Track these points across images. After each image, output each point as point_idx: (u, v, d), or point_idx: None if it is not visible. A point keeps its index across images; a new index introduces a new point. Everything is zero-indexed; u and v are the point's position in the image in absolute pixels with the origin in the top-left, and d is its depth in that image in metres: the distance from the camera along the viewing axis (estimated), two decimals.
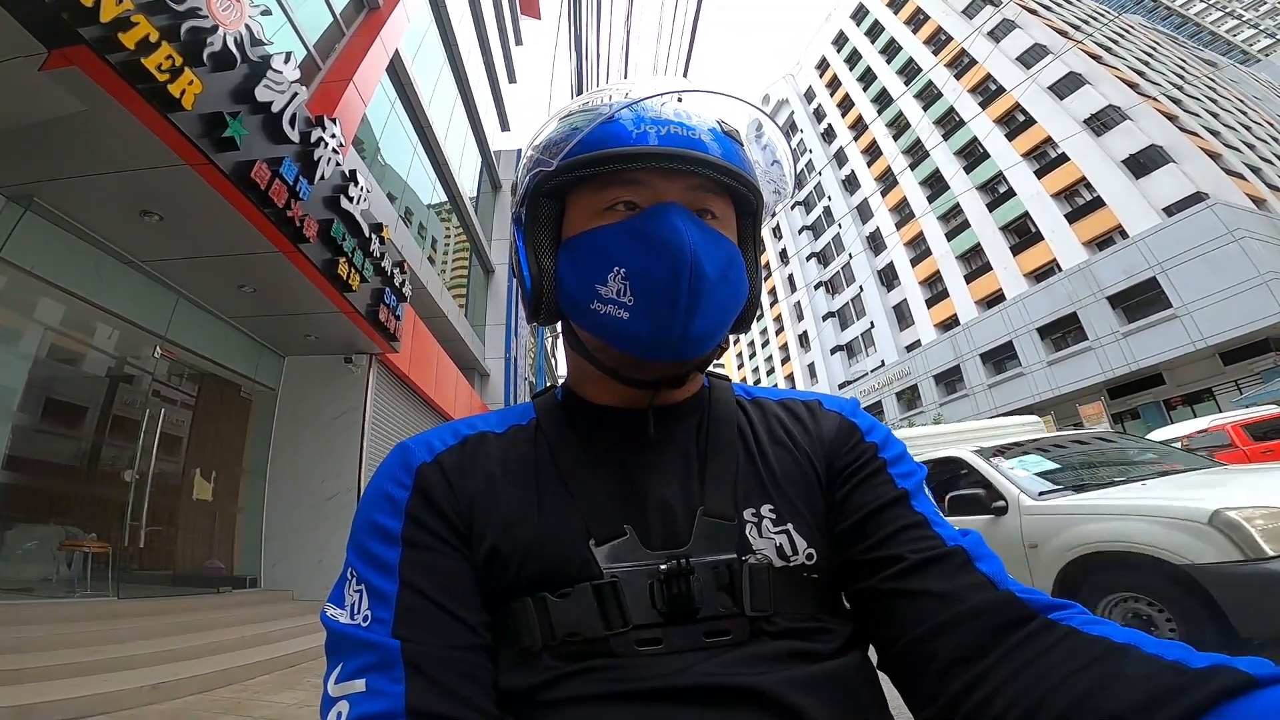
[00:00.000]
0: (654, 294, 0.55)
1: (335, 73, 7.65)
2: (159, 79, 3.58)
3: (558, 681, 0.51)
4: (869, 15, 41.39)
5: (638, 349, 0.57)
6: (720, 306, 0.58)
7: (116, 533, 5.36)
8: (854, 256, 39.77)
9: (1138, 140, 24.12)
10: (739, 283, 0.61)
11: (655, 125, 0.59)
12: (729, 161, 0.59)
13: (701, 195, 0.59)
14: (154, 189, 4.51)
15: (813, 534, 0.59)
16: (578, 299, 0.59)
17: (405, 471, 0.60)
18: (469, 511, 0.58)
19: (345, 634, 0.53)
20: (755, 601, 0.54)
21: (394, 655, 0.50)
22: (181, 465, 6.45)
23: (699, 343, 0.57)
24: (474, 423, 0.68)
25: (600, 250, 0.57)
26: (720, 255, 0.57)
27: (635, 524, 0.58)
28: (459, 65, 13.21)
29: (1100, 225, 24.57)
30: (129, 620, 4.73)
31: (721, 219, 0.61)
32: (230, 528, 7.07)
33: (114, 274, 5.33)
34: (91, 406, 5.64)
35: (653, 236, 0.55)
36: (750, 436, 0.66)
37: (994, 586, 0.51)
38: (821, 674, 0.52)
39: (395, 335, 7.72)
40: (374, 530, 0.57)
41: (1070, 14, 36.67)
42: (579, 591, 0.54)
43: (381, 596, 0.53)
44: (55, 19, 3.14)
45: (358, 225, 6.36)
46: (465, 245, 15.11)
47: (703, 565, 0.55)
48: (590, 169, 0.58)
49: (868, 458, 0.64)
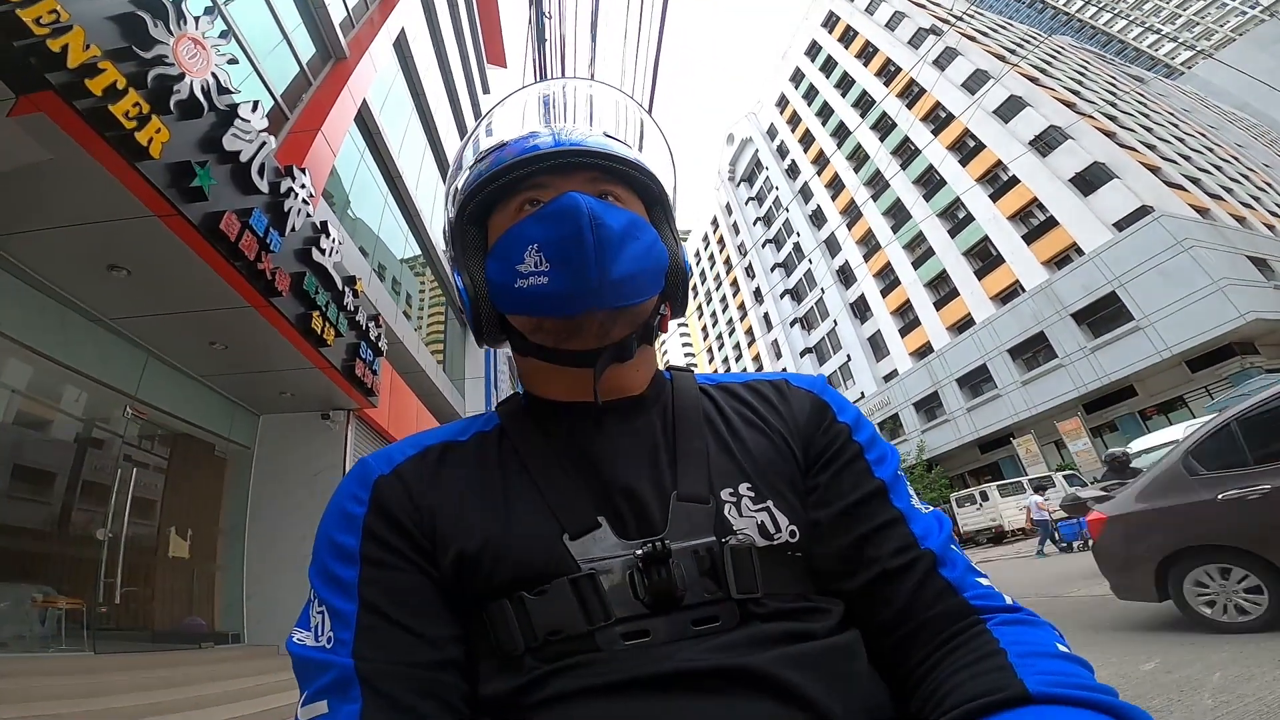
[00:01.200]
0: (565, 249, 0.56)
1: (303, 122, 7.67)
2: (126, 126, 3.56)
3: (541, 681, 0.50)
4: (822, 51, 43.08)
5: (564, 304, 0.58)
6: (634, 255, 0.59)
7: (91, 591, 5.23)
8: (826, 291, 40.42)
9: (1081, 159, 25.08)
10: (651, 242, 0.62)
11: (547, 135, 0.64)
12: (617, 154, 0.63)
13: (600, 184, 0.62)
14: (122, 242, 4.44)
15: (794, 512, 0.59)
16: (504, 287, 0.60)
17: (362, 486, 0.60)
18: (431, 520, 0.57)
19: (306, 658, 0.53)
20: (741, 583, 0.53)
21: (349, 674, 0.50)
22: (156, 525, 6.32)
23: (620, 286, 0.57)
24: (437, 433, 0.67)
25: (515, 239, 0.60)
26: (621, 216, 0.60)
27: (608, 515, 0.57)
28: (427, 114, 13.36)
29: (1056, 244, 25.34)
30: (107, 675, 4.55)
31: (625, 201, 0.64)
32: (209, 585, 6.90)
33: (81, 332, 5.21)
34: (60, 471, 5.51)
35: (555, 211, 0.58)
36: (719, 421, 0.66)
37: (954, 593, 0.55)
38: (817, 652, 0.51)
39: (373, 390, 7.60)
40: (332, 549, 0.57)
41: (1005, 39, 38.76)
42: (556, 587, 0.53)
43: (342, 617, 0.53)
44: (24, 64, 3.14)
45: (330, 278, 6.31)
46: (441, 299, 15.08)
47: (682, 550, 0.54)
48: (494, 184, 0.62)
49: (843, 441, 0.64)
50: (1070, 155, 25.50)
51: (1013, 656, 0.48)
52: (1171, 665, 3.27)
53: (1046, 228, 25.84)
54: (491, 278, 0.62)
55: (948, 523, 0.61)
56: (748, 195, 53.35)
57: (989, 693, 0.45)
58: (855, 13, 40.07)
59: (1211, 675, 2.96)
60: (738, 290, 55.62)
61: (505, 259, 0.60)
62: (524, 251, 0.58)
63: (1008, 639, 0.50)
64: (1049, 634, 0.51)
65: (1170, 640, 3.79)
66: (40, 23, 3.15)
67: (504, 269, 0.60)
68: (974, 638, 0.52)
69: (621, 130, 0.72)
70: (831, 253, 40.29)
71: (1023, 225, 27.15)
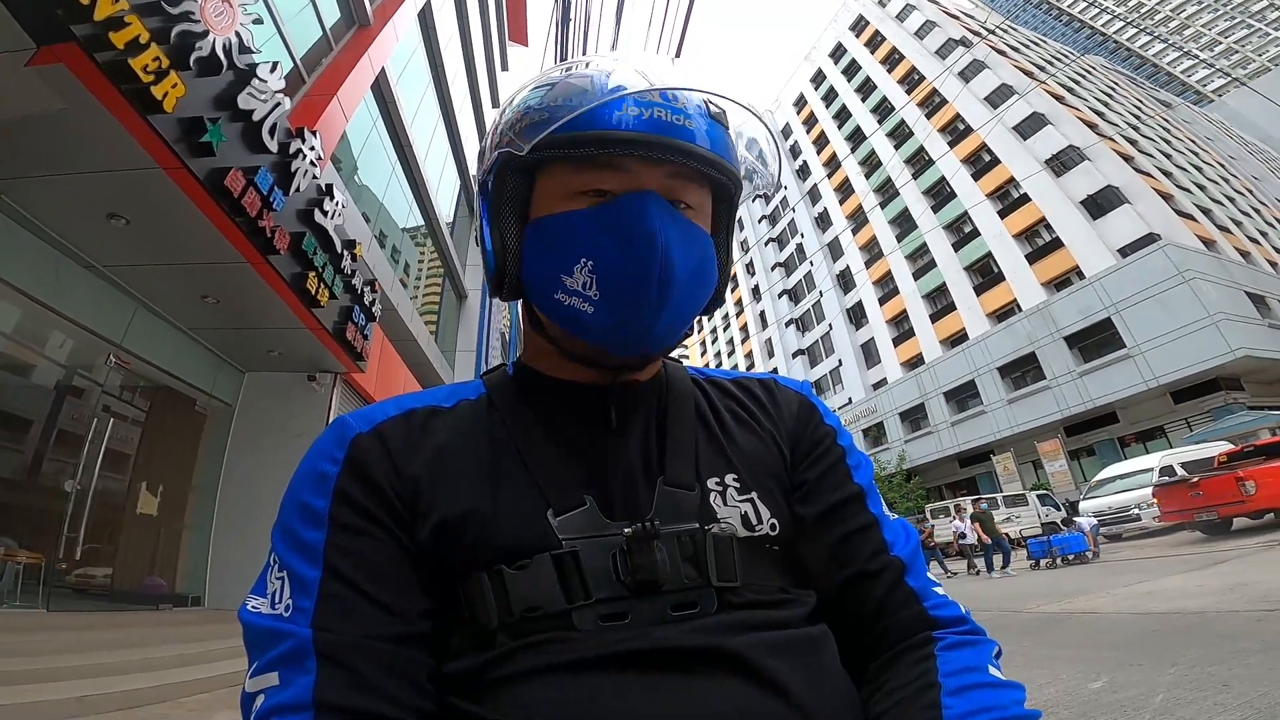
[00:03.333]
0: (621, 293, 0.53)
1: (320, 87, 7.61)
2: (143, 80, 3.57)
3: (509, 656, 0.49)
4: (847, 54, 42.77)
5: (600, 341, 0.56)
6: (688, 306, 0.57)
7: (51, 545, 5.17)
8: (824, 294, 40.36)
9: (1095, 181, 25.03)
10: (709, 277, 0.60)
11: (643, 107, 0.54)
12: (713, 150, 0.56)
13: (680, 183, 0.56)
14: (124, 192, 4.45)
15: (776, 507, 0.60)
16: (542, 287, 0.57)
17: (338, 445, 0.56)
18: (413, 486, 0.55)
19: (261, 626, 0.50)
20: (721, 572, 0.54)
21: (305, 645, 0.47)
22: (127, 479, 6.23)
23: (664, 339, 0.56)
24: (421, 396, 0.64)
25: (568, 237, 0.55)
26: (693, 253, 0.56)
27: (595, 495, 0.56)
28: (444, 87, 13.22)
29: (1059, 266, 25.41)
30: (58, 633, 4.54)
31: (697, 209, 0.59)
32: (175, 545, 6.83)
33: (73, 277, 5.20)
34: (36, 419, 5.42)
35: (625, 232, 0.53)
36: (709, 413, 0.66)
37: (917, 601, 0.59)
38: (791, 640, 0.53)
39: (362, 355, 7.59)
40: (299, 510, 0.54)
41: (1037, 55, 38.33)
42: (537, 562, 0.52)
43: (303, 584, 0.50)
44: (49, 15, 3.14)
45: (330, 240, 6.30)
46: (439, 270, 15.03)
47: (666, 535, 0.53)
48: (564, 150, 0.54)
49: (828, 444, 0.67)
50: (1085, 176, 25.46)
51: (944, 694, 0.50)
52: (1119, 685, 3.35)
53: (1051, 248, 25.90)
54: (528, 260, 0.58)
55: (914, 533, 0.64)
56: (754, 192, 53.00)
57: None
58: (886, 19, 39.78)
59: (1155, 697, 3.05)
60: (735, 286, 55.53)
61: (551, 255, 0.56)
62: (574, 263, 0.54)
63: (946, 668, 0.52)
64: (985, 656, 0.54)
65: (1122, 660, 3.88)
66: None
67: (547, 268, 0.56)
68: (921, 660, 0.54)
69: None
70: (834, 256, 40.22)
71: (1028, 244, 27.18)
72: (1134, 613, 5.34)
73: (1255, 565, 6.83)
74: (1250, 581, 5.63)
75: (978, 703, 0.49)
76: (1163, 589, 6.29)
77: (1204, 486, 10.21)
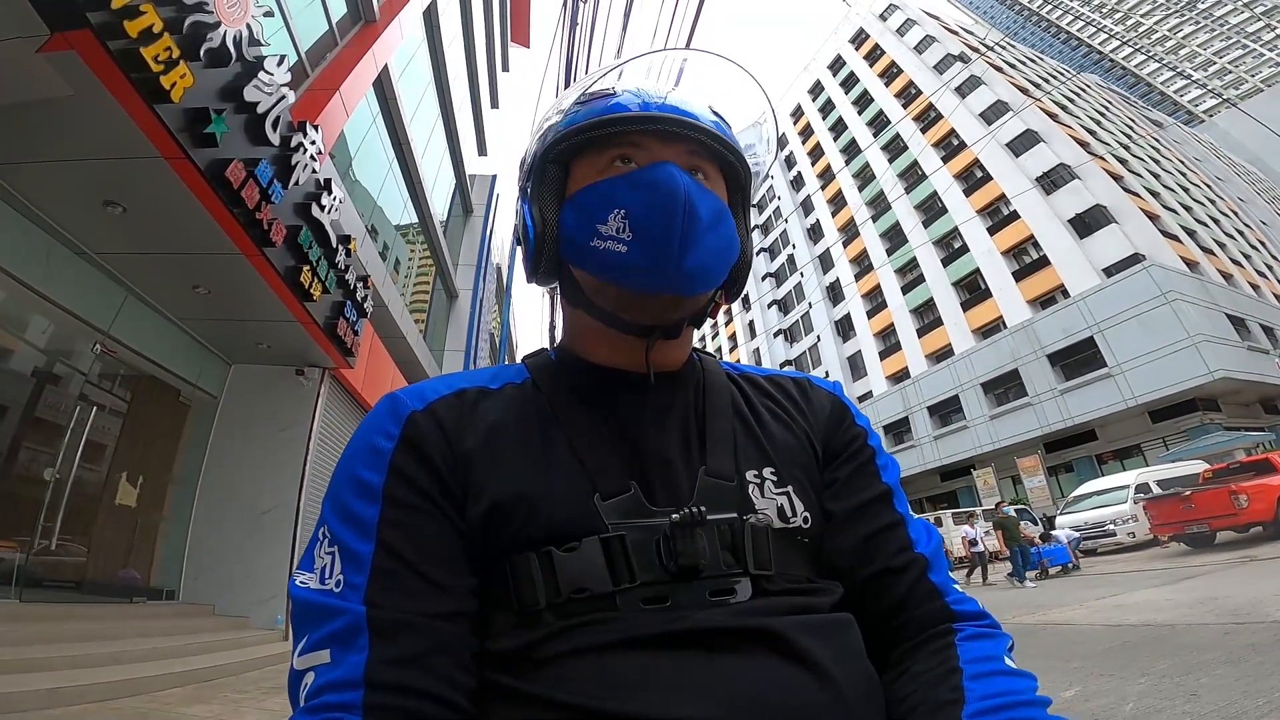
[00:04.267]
0: (652, 227, 0.57)
1: (323, 81, 7.63)
2: (153, 69, 3.59)
3: (558, 635, 0.50)
4: (846, 66, 42.93)
5: (636, 280, 0.58)
6: (712, 249, 0.60)
7: (27, 534, 5.09)
8: (814, 306, 40.47)
9: (1084, 199, 25.31)
10: (730, 235, 0.63)
11: (655, 102, 0.63)
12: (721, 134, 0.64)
13: (695, 160, 0.62)
14: (123, 180, 4.45)
15: (809, 501, 0.63)
16: (579, 240, 0.61)
17: (393, 421, 0.58)
18: (465, 465, 0.57)
19: (312, 602, 0.51)
20: (757, 560, 0.56)
21: (359, 621, 0.48)
22: (106, 469, 6.12)
23: (694, 277, 0.58)
24: (469, 376, 0.66)
25: (602, 196, 0.60)
26: (711, 204, 0.60)
27: (638, 481, 0.58)
28: (445, 86, 13.25)
29: (1045, 284, 25.69)
30: (30, 624, 4.51)
31: (712, 182, 0.64)
32: (151, 537, 6.73)
33: (63, 263, 5.17)
34: (14, 406, 5.24)
35: (650, 182, 0.58)
36: (745, 407, 0.69)
37: (939, 596, 0.61)
38: (823, 622, 0.56)
39: (352, 350, 7.58)
40: (353, 484, 0.55)
41: (1032, 72, 38.70)
42: (586, 545, 0.53)
43: (355, 559, 0.51)
44: (67, 2, 3.16)
45: (326, 235, 6.31)
46: (430, 268, 14.99)
47: (707, 523, 0.55)
48: (595, 132, 0.61)
49: (859, 444, 0.70)
50: (1074, 195, 25.72)
51: (966, 679, 0.53)
52: (1090, 694, 3.44)
53: (1038, 266, 26.14)
54: (566, 224, 0.62)
55: (936, 532, 0.67)
56: None
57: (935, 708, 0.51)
58: (886, 32, 40.07)
59: (1125, 706, 3.13)
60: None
61: (587, 213, 0.60)
62: (609, 213, 0.58)
63: (968, 655, 0.55)
64: (1001, 647, 0.57)
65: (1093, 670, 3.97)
66: None
67: (583, 223, 0.60)
68: (943, 649, 0.57)
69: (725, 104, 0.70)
70: (824, 268, 40.36)
71: (1015, 261, 27.42)
72: (1106, 625, 5.46)
73: (1226, 580, 6.98)
74: (1220, 596, 5.77)
75: (998, 687, 0.51)
76: (1134, 602, 6.43)
77: (1196, 500, 10.52)
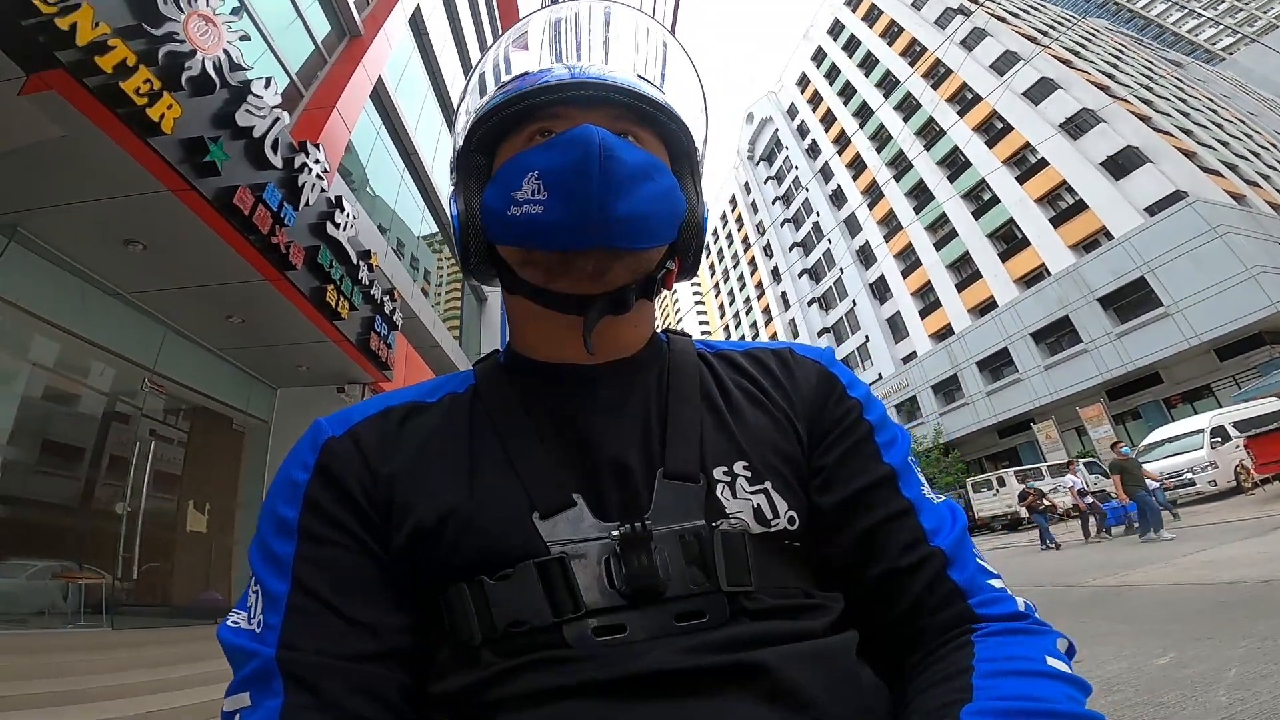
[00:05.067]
0: (566, 178, 0.50)
1: (318, 100, 7.67)
2: (137, 102, 3.57)
3: (503, 677, 0.45)
4: (845, 30, 42.15)
5: (557, 238, 0.51)
6: (648, 196, 0.53)
7: (110, 566, 5.33)
8: (844, 270, 39.99)
9: (1114, 142, 24.44)
10: (669, 186, 0.55)
11: (573, 70, 0.58)
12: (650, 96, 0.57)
13: (623, 124, 0.56)
14: (137, 217, 4.48)
15: (795, 496, 0.54)
16: (498, 215, 0.54)
17: (311, 450, 0.54)
18: (388, 491, 0.52)
19: (233, 644, 0.48)
20: (731, 574, 0.48)
21: (270, 665, 0.45)
22: (175, 499, 6.45)
23: (624, 224, 0.51)
24: (404, 393, 0.61)
25: (517, 166, 0.54)
26: (638, 154, 0.53)
27: (586, 493, 0.51)
28: (443, 92, 13.27)
29: (1085, 228, 24.81)
30: (123, 651, 4.65)
31: (648, 145, 0.57)
32: (227, 560, 7.02)
33: (100, 306, 5.29)
34: (85, 445, 5.62)
35: (563, 139, 0.52)
36: (716, 391, 0.60)
37: (962, 598, 0.51)
38: (816, 650, 0.47)
39: (388, 363, 7.65)
40: (273, 521, 0.52)
41: (1037, 20, 37.56)
42: (520, 571, 0.47)
43: (273, 599, 0.48)
44: (32, 42, 3.15)
45: (345, 252, 6.33)
46: (458, 275, 15.13)
47: (666, 534, 0.48)
48: (511, 108, 0.56)
49: (853, 419, 0.59)
50: (1102, 138, 24.85)
51: (976, 677, 0.44)
52: (1187, 660, 3.21)
53: (1075, 211, 25.29)
54: (487, 204, 0.56)
55: (961, 516, 0.55)
56: (767, 174, 52.76)
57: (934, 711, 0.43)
58: None
59: (1227, 671, 2.91)
60: (755, 269, 55.24)
61: (503, 185, 0.54)
62: (523, 179, 0.53)
63: (985, 654, 0.46)
64: (1042, 646, 0.46)
65: (1186, 634, 3.72)
66: (48, 1, 3.14)
67: (499, 195, 0.55)
68: (956, 650, 0.48)
69: (653, 71, 0.65)
70: (851, 233, 39.82)
71: (1050, 208, 26.57)
72: (1197, 583, 5.15)
73: None
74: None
75: (1014, 689, 0.42)
76: (1225, 557, 6.06)
77: None
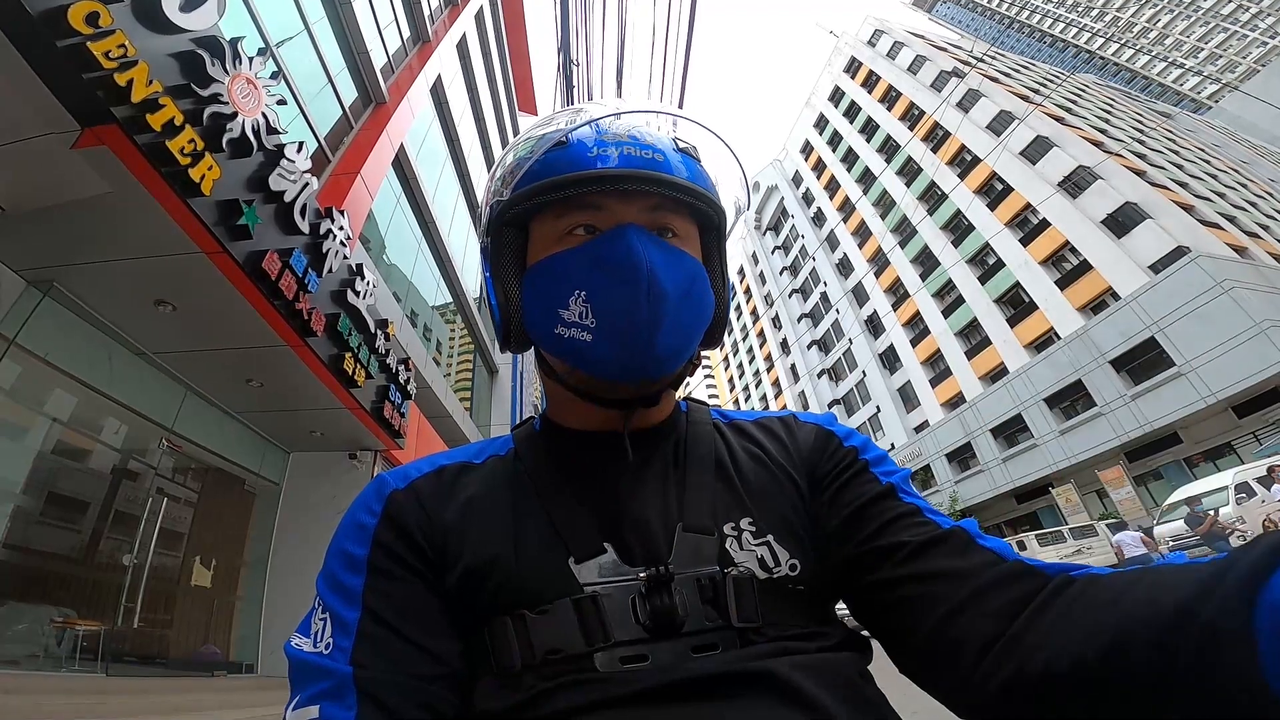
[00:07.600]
0: (614, 315, 0.55)
1: (344, 165, 7.88)
2: (181, 162, 3.65)
3: (541, 698, 0.50)
4: (845, 96, 43.21)
5: (604, 372, 0.57)
6: (685, 325, 0.58)
7: (110, 614, 5.29)
8: (854, 341, 39.87)
9: (1112, 199, 24.55)
10: (703, 298, 0.61)
11: (613, 146, 0.59)
12: (688, 179, 0.60)
13: (661, 215, 0.60)
14: (170, 277, 4.58)
15: (796, 546, 0.59)
16: (542, 326, 0.59)
17: (377, 499, 0.61)
18: (443, 536, 0.58)
19: (304, 661, 0.53)
20: (742, 613, 0.54)
21: (347, 682, 0.50)
22: (181, 554, 6.42)
23: (665, 361, 0.57)
24: (453, 454, 0.68)
25: (560, 275, 0.58)
26: (681, 273, 0.58)
27: (615, 543, 0.57)
28: (461, 160, 13.64)
29: (1091, 289, 24.75)
30: (116, 697, 4.53)
31: (683, 236, 0.61)
32: (228, 615, 6.96)
33: (125, 365, 5.41)
34: (94, 501, 5.62)
35: (609, 259, 0.56)
36: (726, 456, 0.66)
37: (1003, 560, 0.52)
38: (822, 661, 0.52)
39: (400, 432, 7.74)
40: (342, 558, 0.58)
41: (1028, 78, 38.60)
42: (558, 608, 0.53)
43: (343, 624, 0.54)
44: (91, 96, 3.26)
45: (364, 320, 6.48)
46: (469, 346, 15.32)
47: (685, 578, 0.54)
48: (546, 196, 0.59)
49: (849, 460, 0.64)
50: (1101, 196, 25.02)
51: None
52: None
53: (1080, 272, 25.27)
54: (528, 305, 0.61)
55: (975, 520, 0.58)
56: (774, 244, 53.26)
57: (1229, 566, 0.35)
58: (877, 58, 40.56)
59: None
60: (764, 341, 55.28)
61: (547, 295, 0.59)
62: (569, 296, 0.57)
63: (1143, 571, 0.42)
64: None
65: None
66: (109, 56, 3.23)
67: (544, 306, 0.59)
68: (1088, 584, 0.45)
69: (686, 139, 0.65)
70: (859, 302, 39.90)
71: (1055, 270, 26.60)
72: None
73: None
74: None
75: None
76: None
77: None
